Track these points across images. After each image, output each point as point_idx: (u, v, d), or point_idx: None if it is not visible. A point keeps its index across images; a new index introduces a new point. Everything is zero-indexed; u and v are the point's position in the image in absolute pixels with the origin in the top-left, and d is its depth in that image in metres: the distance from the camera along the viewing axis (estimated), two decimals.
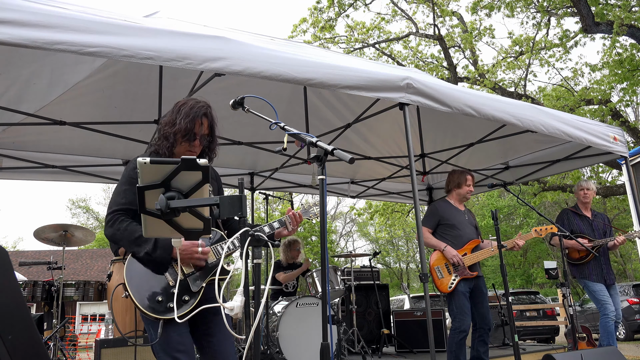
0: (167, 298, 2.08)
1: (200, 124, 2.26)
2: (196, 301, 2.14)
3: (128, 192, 2.14)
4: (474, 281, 4.08)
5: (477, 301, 4.06)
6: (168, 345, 2.05)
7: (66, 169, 5.36)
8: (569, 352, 3.93)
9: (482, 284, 4.13)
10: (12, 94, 3.85)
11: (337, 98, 4.91)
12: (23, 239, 43.15)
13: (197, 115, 2.24)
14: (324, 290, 1.86)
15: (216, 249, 2.28)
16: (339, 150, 1.82)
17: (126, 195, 2.14)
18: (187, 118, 2.20)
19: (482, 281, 4.14)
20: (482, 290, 4.10)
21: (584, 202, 5.03)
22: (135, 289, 2.06)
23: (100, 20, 2.56)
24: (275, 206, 29.18)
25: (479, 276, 4.11)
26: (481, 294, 4.08)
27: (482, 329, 4.02)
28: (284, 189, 7.12)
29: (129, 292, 2.05)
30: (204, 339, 2.22)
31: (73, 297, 4.80)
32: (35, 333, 1.49)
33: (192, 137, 2.24)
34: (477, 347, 4.01)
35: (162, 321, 2.05)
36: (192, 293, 2.15)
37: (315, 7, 13.73)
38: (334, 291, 5.33)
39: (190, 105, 2.24)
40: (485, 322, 4.02)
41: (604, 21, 9.20)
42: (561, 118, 4.48)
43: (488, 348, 4.05)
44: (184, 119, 2.20)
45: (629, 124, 11.87)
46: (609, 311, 4.55)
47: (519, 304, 11.47)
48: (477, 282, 4.10)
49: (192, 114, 2.22)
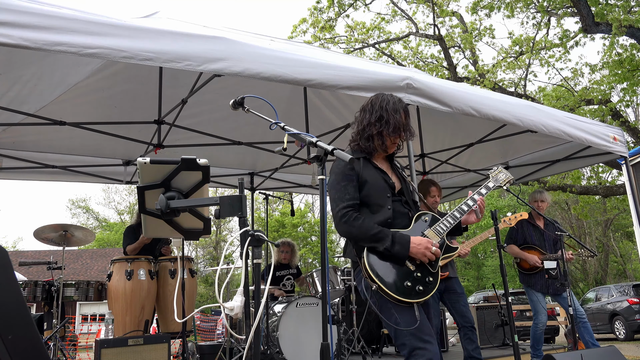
0: (414, 282, 2.17)
1: (406, 116, 2.37)
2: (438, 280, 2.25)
3: (349, 188, 2.25)
4: (444, 283, 4.10)
5: (453, 301, 4.10)
6: (421, 331, 2.11)
7: (66, 169, 5.36)
8: (569, 352, 3.92)
9: (455, 284, 4.16)
10: (12, 94, 3.85)
11: (337, 98, 4.91)
12: (23, 239, 43.15)
13: (403, 108, 2.36)
14: (324, 290, 1.86)
15: (436, 229, 2.36)
16: (339, 150, 1.83)
17: (348, 191, 2.25)
18: (397, 114, 2.31)
19: (455, 282, 4.17)
20: (455, 290, 4.14)
21: (538, 213, 5.05)
22: (382, 280, 2.14)
23: (100, 21, 2.57)
24: (275, 206, 29.19)
25: (449, 277, 4.14)
26: (455, 294, 4.12)
27: (465, 327, 4.04)
28: (284, 189, 7.12)
29: (378, 284, 2.12)
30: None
31: (73, 297, 4.79)
32: (35, 333, 1.49)
33: (402, 130, 2.33)
34: (466, 346, 4.03)
35: (416, 305, 2.14)
36: (433, 273, 2.25)
37: (315, 7, 13.72)
38: (334, 291, 5.33)
39: (392, 101, 2.35)
40: (466, 319, 4.04)
41: (603, 21, 9.20)
42: (561, 118, 4.49)
43: (478, 345, 4.05)
44: (393, 115, 2.30)
45: (629, 124, 11.87)
46: (539, 321, 4.86)
47: (519, 304, 11.47)
48: (448, 284, 4.13)
49: (399, 108, 2.34)
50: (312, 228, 28.90)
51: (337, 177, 2.29)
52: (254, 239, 1.68)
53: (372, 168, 2.36)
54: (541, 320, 4.88)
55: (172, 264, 4.71)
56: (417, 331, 2.11)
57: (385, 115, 2.31)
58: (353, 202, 2.24)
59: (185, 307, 4.43)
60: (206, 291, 31.09)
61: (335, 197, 2.27)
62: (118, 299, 4.40)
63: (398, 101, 2.37)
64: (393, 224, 2.28)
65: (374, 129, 2.33)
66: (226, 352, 4.79)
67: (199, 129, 4.87)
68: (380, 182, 2.32)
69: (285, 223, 27.99)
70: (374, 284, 2.13)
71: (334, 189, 2.28)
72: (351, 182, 2.27)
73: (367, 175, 2.31)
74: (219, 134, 5.06)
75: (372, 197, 2.29)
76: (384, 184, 2.33)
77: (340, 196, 2.24)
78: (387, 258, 2.19)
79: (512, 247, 5.02)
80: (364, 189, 2.29)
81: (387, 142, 2.34)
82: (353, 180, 2.28)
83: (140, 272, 4.47)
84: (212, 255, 33.31)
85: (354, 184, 2.27)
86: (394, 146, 2.40)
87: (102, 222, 37.67)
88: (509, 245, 5.04)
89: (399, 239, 2.18)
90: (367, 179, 2.30)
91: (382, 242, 2.16)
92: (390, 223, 2.27)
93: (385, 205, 2.29)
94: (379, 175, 2.34)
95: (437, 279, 2.25)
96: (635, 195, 5.23)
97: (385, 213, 2.28)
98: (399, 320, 2.12)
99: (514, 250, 5.00)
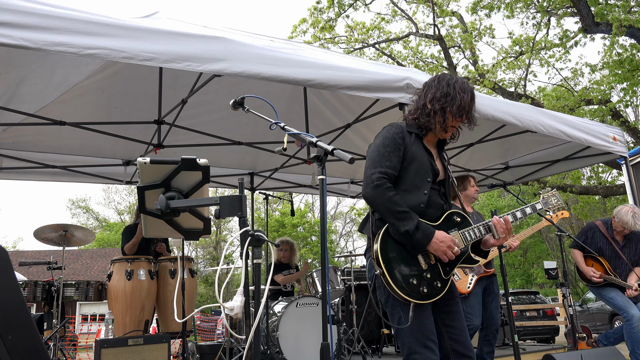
0: (420, 282, 2.04)
1: (472, 99, 2.21)
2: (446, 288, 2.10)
3: (393, 156, 2.10)
4: (487, 280, 4.06)
5: (488, 300, 4.05)
6: (421, 333, 2.00)
7: (66, 169, 5.36)
8: (569, 352, 3.93)
9: (494, 284, 4.11)
10: (13, 94, 3.85)
11: (337, 98, 4.91)
12: (23, 239, 43.10)
13: (471, 90, 2.20)
14: (324, 290, 1.86)
15: (464, 234, 2.21)
16: (339, 150, 1.82)
17: (391, 158, 2.10)
18: (464, 93, 2.16)
19: (495, 280, 4.12)
20: (493, 290, 4.09)
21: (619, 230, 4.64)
22: (389, 267, 2.02)
23: (99, 21, 2.57)
24: (275, 206, 29.19)
25: (494, 274, 4.10)
26: (492, 294, 4.08)
27: (489, 329, 4.01)
28: (284, 189, 7.11)
29: (383, 269, 2.01)
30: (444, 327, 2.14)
31: (73, 297, 4.79)
32: (35, 333, 1.49)
33: (466, 113, 2.18)
34: (482, 347, 4.00)
35: (413, 305, 2.00)
36: (444, 280, 2.10)
37: (315, 8, 13.72)
38: (334, 291, 5.33)
39: (461, 81, 2.21)
40: (493, 322, 4.01)
41: (603, 21, 9.20)
42: (560, 118, 4.49)
43: (493, 349, 4.03)
44: (460, 93, 2.15)
45: (629, 124, 11.87)
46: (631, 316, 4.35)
47: (519, 304, 11.46)
48: (490, 281, 4.08)
49: (468, 89, 2.19)
50: (312, 228, 28.90)
51: (385, 140, 2.15)
52: (254, 239, 1.68)
53: (421, 147, 2.20)
54: (634, 314, 4.27)
55: (172, 264, 4.71)
56: (420, 333, 2.00)
57: (451, 92, 2.15)
58: (391, 172, 2.08)
59: (185, 307, 4.43)
60: (206, 291, 31.10)
61: (375, 159, 2.11)
62: (118, 299, 4.40)
63: (466, 82, 2.23)
64: (425, 212, 2.13)
65: (437, 105, 2.17)
66: (226, 352, 4.79)
67: (199, 129, 4.87)
68: (425, 163, 2.17)
69: (285, 223, 27.99)
70: (379, 268, 2.01)
71: (376, 152, 2.13)
72: (398, 150, 2.12)
73: (414, 152, 2.16)
74: (219, 134, 5.06)
75: (411, 175, 2.14)
76: (428, 166, 2.17)
77: (380, 160, 2.09)
78: (404, 246, 2.05)
79: (574, 252, 4.68)
80: (405, 164, 2.13)
81: (448, 121, 2.17)
82: (400, 149, 2.13)
83: (140, 272, 4.47)
84: (212, 255, 33.31)
85: (399, 154, 2.12)
86: (453, 128, 2.22)
87: (102, 222, 37.66)
88: (573, 250, 4.71)
89: (424, 227, 2.03)
90: (412, 155, 2.15)
91: (406, 222, 2.00)
92: (422, 209, 2.12)
93: (422, 188, 2.14)
94: (426, 157, 2.19)
95: (445, 286, 2.10)
96: (635, 195, 5.23)
97: (420, 197, 2.13)
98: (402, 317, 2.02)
99: (576, 256, 4.65)
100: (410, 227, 2.00)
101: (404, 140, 2.16)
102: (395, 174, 2.10)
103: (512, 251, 4.33)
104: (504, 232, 2.21)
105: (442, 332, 2.12)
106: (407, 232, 2.00)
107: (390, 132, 2.17)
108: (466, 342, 2.12)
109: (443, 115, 2.17)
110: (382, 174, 2.06)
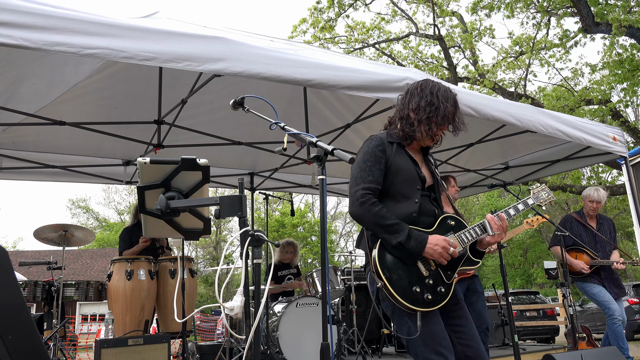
0: (423, 289, 2.02)
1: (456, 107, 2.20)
2: (450, 292, 2.08)
3: (374, 170, 2.10)
4: (468, 281, 4.09)
5: (472, 300, 4.07)
6: (432, 339, 1.98)
7: (66, 169, 5.36)
8: (569, 352, 3.93)
9: (477, 283, 4.13)
10: (12, 94, 3.85)
11: (337, 98, 4.91)
12: (23, 239, 43.13)
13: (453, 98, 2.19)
14: (324, 290, 1.86)
15: (460, 237, 2.19)
16: (339, 150, 1.82)
17: (372, 172, 2.09)
18: (447, 102, 2.15)
19: (477, 280, 4.15)
20: (477, 289, 4.11)
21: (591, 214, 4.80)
22: (390, 278, 2.00)
23: (99, 21, 2.57)
24: (275, 206, 29.19)
25: (474, 275, 4.11)
26: (476, 293, 4.10)
27: (479, 328, 4.00)
28: (284, 189, 7.12)
29: (384, 281, 1.99)
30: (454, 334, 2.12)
31: (73, 297, 4.79)
32: (35, 333, 1.49)
33: (450, 121, 2.17)
34: None
35: (420, 313, 1.98)
36: (447, 284, 2.09)
37: (315, 8, 13.72)
38: (334, 291, 5.33)
39: (443, 89, 2.19)
40: (482, 320, 4.01)
41: (603, 21, 9.20)
42: (560, 118, 4.49)
43: (487, 348, 4.04)
44: (444, 102, 2.14)
45: (629, 124, 11.87)
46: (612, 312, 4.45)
47: (519, 304, 11.47)
48: (471, 282, 4.11)
49: (451, 97, 2.18)
50: (312, 228, 28.90)
51: (365, 155, 2.14)
52: (254, 239, 1.68)
53: (405, 156, 2.19)
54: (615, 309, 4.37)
55: (172, 264, 4.71)
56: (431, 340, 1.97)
57: (435, 102, 2.14)
58: (375, 186, 2.08)
59: (185, 307, 4.43)
60: (206, 291, 31.10)
61: (357, 175, 2.11)
62: (118, 299, 4.40)
63: (448, 89, 2.21)
64: (417, 221, 2.12)
65: (423, 114, 2.15)
66: (226, 352, 4.79)
67: (199, 129, 4.87)
68: (411, 172, 2.16)
69: (285, 223, 27.99)
70: (380, 280, 2.00)
71: (358, 168, 2.12)
72: (378, 164, 2.11)
73: (398, 162, 2.15)
74: (219, 134, 5.06)
75: (398, 186, 2.13)
76: (414, 175, 2.17)
77: (363, 176, 2.09)
78: (401, 255, 2.04)
79: (556, 249, 4.70)
80: (390, 176, 2.13)
81: (433, 129, 2.15)
82: (381, 162, 2.12)
83: (140, 272, 4.47)
84: (212, 255, 33.31)
85: (381, 167, 2.12)
86: (437, 137, 2.21)
87: (102, 222, 37.66)
88: (554, 247, 4.75)
89: (416, 235, 2.02)
90: (396, 165, 2.14)
91: (397, 234, 2.00)
92: (414, 218, 2.11)
93: (412, 197, 2.13)
94: (411, 165, 2.18)
95: (449, 291, 2.08)
96: (635, 195, 5.22)
97: (411, 206, 2.12)
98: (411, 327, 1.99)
99: (559, 253, 4.65)
100: (402, 239, 2.01)
101: (384, 153, 2.15)
102: (378, 187, 2.10)
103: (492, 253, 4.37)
104: (499, 229, 2.20)
105: (452, 338, 2.10)
106: (400, 243, 2.01)
107: (370, 146, 2.17)
108: (478, 346, 2.11)
109: (428, 124, 2.16)
110: (366, 190, 2.07)
